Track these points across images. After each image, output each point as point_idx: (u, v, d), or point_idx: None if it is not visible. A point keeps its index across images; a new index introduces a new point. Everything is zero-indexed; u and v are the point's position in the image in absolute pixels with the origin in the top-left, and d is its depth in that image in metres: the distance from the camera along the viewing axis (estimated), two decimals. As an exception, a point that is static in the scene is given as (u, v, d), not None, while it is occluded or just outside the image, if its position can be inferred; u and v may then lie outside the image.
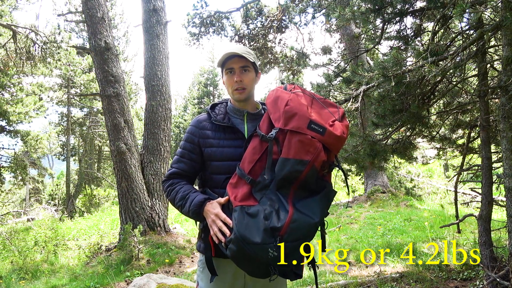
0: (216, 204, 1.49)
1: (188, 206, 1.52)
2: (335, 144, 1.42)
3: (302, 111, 1.39)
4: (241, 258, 1.37)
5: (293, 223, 1.32)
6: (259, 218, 1.34)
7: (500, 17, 2.32)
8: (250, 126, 1.67)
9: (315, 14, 4.41)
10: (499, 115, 2.69)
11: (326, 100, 1.58)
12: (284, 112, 1.39)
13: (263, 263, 1.35)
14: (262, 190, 1.41)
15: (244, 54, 1.60)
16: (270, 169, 1.40)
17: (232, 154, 1.60)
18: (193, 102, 27.16)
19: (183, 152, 1.68)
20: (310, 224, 1.35)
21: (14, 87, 14.87)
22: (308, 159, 1.35)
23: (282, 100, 1.44)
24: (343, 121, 1.51)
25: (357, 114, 3.24)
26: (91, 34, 6.67)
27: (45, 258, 6.78)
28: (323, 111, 1.49)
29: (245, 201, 1.41)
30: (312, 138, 1.36)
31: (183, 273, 5.28)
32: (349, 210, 9.02)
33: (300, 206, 1.38)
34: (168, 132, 7.40)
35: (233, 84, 1.63)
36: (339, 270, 4.36)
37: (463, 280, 3.47)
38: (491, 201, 3.16)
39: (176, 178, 1.66)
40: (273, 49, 12.19)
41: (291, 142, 1.36)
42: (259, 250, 1.31)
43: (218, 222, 1.44)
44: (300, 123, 1.36)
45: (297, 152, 1.35)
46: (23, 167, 15.42)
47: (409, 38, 3.52)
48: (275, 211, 1.35)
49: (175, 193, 1.60)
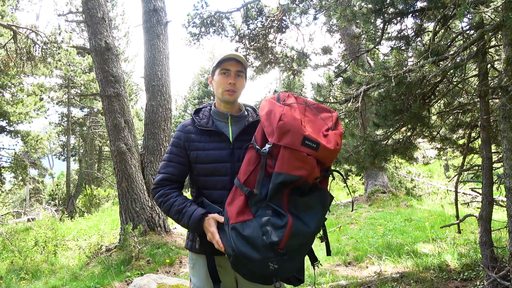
0: (213, 221, 1.53)
1: (187, 222, 1.57)
2: (329, 157, 1.43)
3: (296, 126, 1.37)
4: (242, 271, 1.43)
5: (291, 235, 1.34)
6: (256, 235, 1.35)
7: (500, 17, 2.32)
8: (235, 128, 1.71)
9: (316, 15, 4.41)
10: (500, 115, 2.69)
11: (319, 106, 1.59)
12: (278, 128, 1.38)
13: (266, 275, 1.39)
14: (258, 203, 1.42)
15: (241, 60, 1.68)
16: (261, 183, 1.40)
17: (217, 156, 1.64)
18: (193, 102, 27.18)
19: (170, 157, 1.71)
20: (307, 233, 1.38)
21: (14, 87, 14.89)
22: (301, 175, 1.35)
23: (275, 114, 1.42)
24: (337, 127, 1.52)
25: (357, 114, 3.24)
26: (92, 34, 6.67)
27: (45, 258, 6.79)
28: (316, 119, 1.50)
29: (240, 216, 1.42)
30: (307, 155, 1.35)
31: (183, 273, 5.28)
32: (349, 210, 9.02)
33: (296, 211, 1.39)
34: (168, 132, 7.40)
35: (225, 85, 1.67)
36: (339, 270, 4.36)
37: (463, 280, 3.47)
38: (491, 201, 3.16)
39: (167, 185, 1.68)
40: (274, 49, 12.20)
41: (284, 157, 1.36)
42: (260, 265, 1.35)
43: (214, 241, 1.50)
44: (293, 139, 1.36)
45: (290, 168, 1.35)
46: (23, 167, 15.43)
47: (410, 38, 3.52)
48: (272, 225, 1.36)
49: (168, 206, 1.63)
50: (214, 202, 1.60)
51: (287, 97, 1.56)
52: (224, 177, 1.61)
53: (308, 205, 1.41)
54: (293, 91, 3.62)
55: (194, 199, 1.71)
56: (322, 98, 3.52)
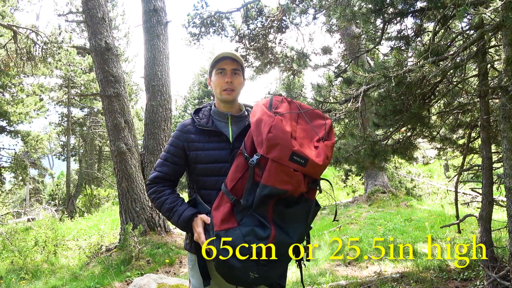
0: (200, 222, 1.55)
1: (176, 220, 1.59)
2: (317, 172, 1.41)
3: (285, 140, 1.34)
4: (224, 276, 1.44)
5: (274, 244, 1.36)
6: (238, 244, 1.36)
7: (500, 17, 2.32)
8: (235, 128, 1.71)
9: (316, 15, 4.41)
10: (500, 115, 2.69)
11: (313, 112, 1.56)
12: (267, 140, 1.36)
13: (246, 281, 1.40)
14: (243, 211, 1.42)
15: (236, 58, 1.68)
16: (248, 193, 1.40)
17: (217, 156, 1.64)
18: (193, 102, 27.18)
19: (166, 156, 1.72)
20: (290, 244, 1.40)
21: (14, 87, 14.89)
22: (286, 189, 1.35)
23: (265, 124, 1.39)
24: (329, 137, 1.49)
25: (357, 114, 3.24)
26: (92, 34, 6.67)
27: (45, 258, 6.78)
28: (308, 128, 1.49)
29: (225, 224, 1.42)
30: (294, 170, 1.34)
31: (183, 273, 5.28)
32: (349, 210, 9.02)
33: (281, 222, 1.39)
34: (168, 132, 7.41)
35: (222, 84, 1.68)
36: (339, 270, 4.36)
37: (463, 280, 3.47)
38: (491, 201, 3.16)
39: (160, 182, 1.70)
40: (274, 49, 12.20)
41: (271, 170, 1.35)
42: (240, 273, 1.37)
43: (199, 242, 1.52)
44: (281, 154, 1.33)
45: (277, 182, 1.34)
46: (23, 167, 15.44)
47: (410, 38, 3.52)
48: (254, 235, 1.36)
49: (160, 203, 1.65)
50: (212, 202, 1.59)
51: (280, 103, 1.52)
52: (223, 177, 1.60)
53: (294, 216, 1.41)
54: (293, 91, 3.62)
55: (189, 199, 1.72)
56: (322, 98, 3.52)
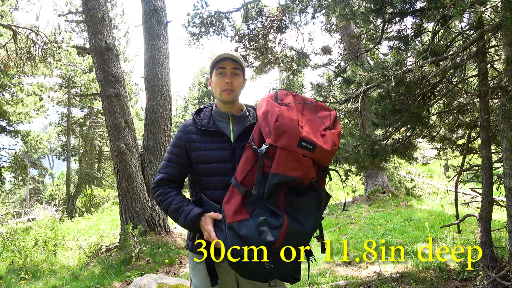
0: (209, 220, 1.53)
1: (183, 221, 1.58)
2: (326, 158, 1.43)
3: (293, 128, 1.37)
4: (239, 269, 1.43)
5: (287, 235, 1.35)
6: (252, 234, 1.36)
7: (500, 17, 2.32)
8: (236, 128, 1.72)
9: (315, 14, 4.41)
10: (499, 115, 2.69)
11: (318, 104, 1.58)
12: (275, 129, 1.38)
13: (261, 273, 1.40)
14: (255, 202, 1.43)
15: (236, 59, 1.68)
16: (259, 184, 1.41)
17: (218, 156, 1.65)
18: (193, 102, 27.19)
19: (170, 157, 1.72)
20: (303, 232, 1.39)
21: (14, 87, 14.89)
22: (296, 176, 1.36)
23: (272, 114, 1.42)
24: (335, 127, 1.51)
25: (357, 114, 3.24)
26: (92, 34, 6.67)
27: (45, 258, 6.78)
28: (314, 119, 1.50)
29: (237, 216, 1.42)
30: (303, 156, 1.36)
31: (183, 273, 5.28)
32: (349, 210, 9.02)
33: (293, 211, 1.40)
34: (168, 132, 7.40)
35: (222, 84, 1.68)
36: (339, 270, 4.36)
37: (463, 280, 3.47)
38: (491, 201, 3.16)
39: (166, 184, 1.70)
40: (273, 49, 12.20)
41: (280, 158, 1.36)
42: (255, 265, 1.36)
43: (210, 240, 1.50)
44: (290, 141, 1.36)
45: (287, 169, 1.36)
46: (23, 167, 15.44)
47: (409, 38, 3.52)
48: (268, 225, 1.36)
49: (167, 204, 1.65)
50: (215, 202, 1.60)
51: (285, 96, 1.55)
52: (225, 177, 1.61)
53: (304, 205, 1.41)
54: (292, 91, 3.62)
55: (194, 199, 1.71)
56: (322, 98, 3.53)
